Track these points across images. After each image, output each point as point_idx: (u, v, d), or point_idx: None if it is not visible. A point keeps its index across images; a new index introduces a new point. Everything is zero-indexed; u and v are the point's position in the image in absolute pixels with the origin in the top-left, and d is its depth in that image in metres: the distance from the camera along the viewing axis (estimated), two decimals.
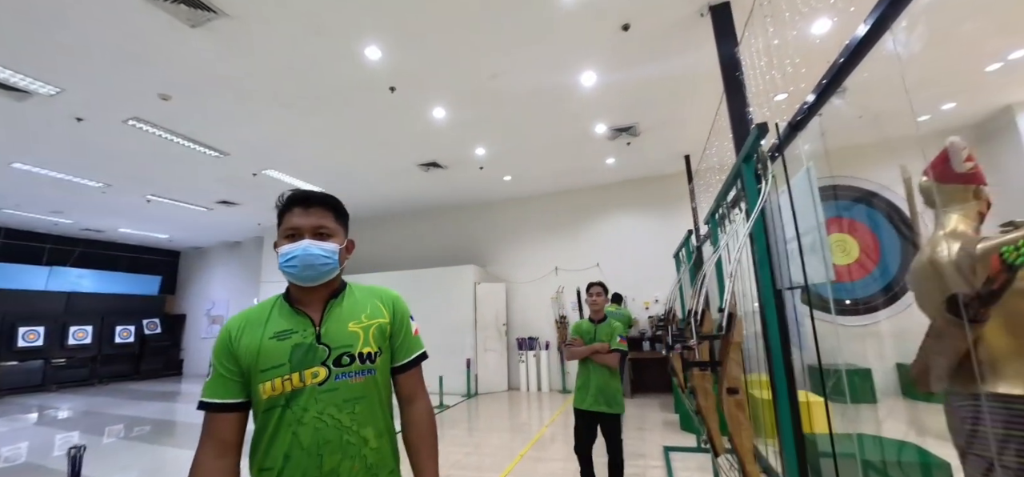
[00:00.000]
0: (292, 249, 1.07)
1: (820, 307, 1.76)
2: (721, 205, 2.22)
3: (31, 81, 4.27)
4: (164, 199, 8.15)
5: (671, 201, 7.74)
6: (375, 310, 1.15)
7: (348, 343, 1.07)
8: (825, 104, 1.67)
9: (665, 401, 6.64)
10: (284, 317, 1.09)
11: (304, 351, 1.04)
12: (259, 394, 1.01)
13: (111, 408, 7.75)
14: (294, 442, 0.99)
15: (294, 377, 1.01)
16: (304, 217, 1.10)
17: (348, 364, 1.05)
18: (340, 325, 1.09)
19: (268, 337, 1.04)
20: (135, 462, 4.67)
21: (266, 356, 1.02)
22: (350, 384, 1.05)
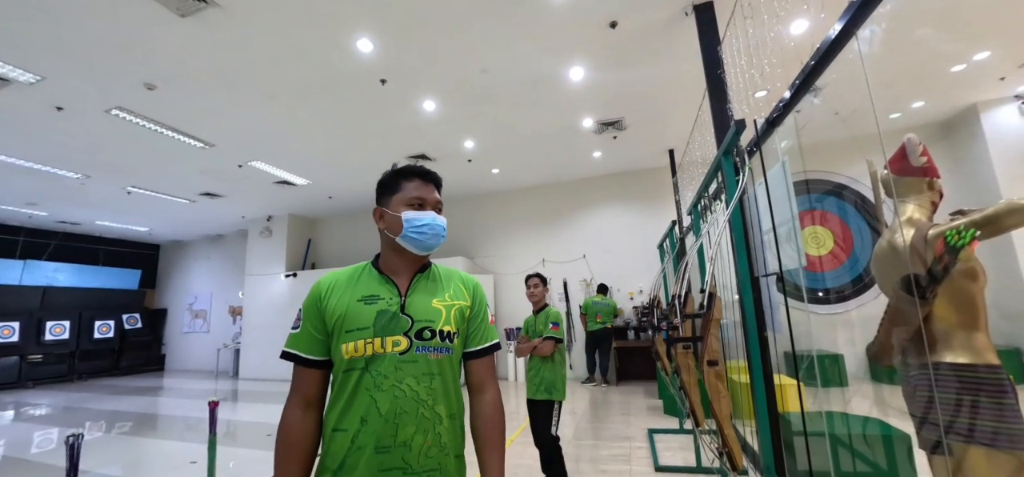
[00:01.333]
0: (422, 217, 1.12)
1: (794, 296, 1.90)
2: (703, 197, 2.35)
3: (10, 69, 4.17)
4: (145, 191, 8.00)
5: (656, 194, 7.93)
6: (458, 292, 1.18)
7: (430, 318, 1.09)
8: (800, 101, 1.81)
9: (650, 388, 6.85)
10: (373, 282, 1.12)
11: (388, 318, 1.06)
12: (340, 353, 1.04)
13: (91, 403, 7.63)
14: (372, 407, 1.01)
15: (376, 342, 1.03)
16: (427, 190, 1.15)
17: (429, 339, 1.07)
18: (425, 299, 1.12)
19: (356, 299, 1.08)
20: (118, 456, 4.65)
21: (352, 317, 1.05)
22: (429, 358, 1.06)
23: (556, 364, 2.93)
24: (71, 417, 6.58)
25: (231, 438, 5.02)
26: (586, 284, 8.14)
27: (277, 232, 10.17)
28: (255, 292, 10.04)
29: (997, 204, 1.28)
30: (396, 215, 1.12)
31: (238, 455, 4.39)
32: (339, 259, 10.29)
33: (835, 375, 5.32)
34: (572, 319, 8.14)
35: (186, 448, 4.80)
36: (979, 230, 1.26)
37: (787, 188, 1.99)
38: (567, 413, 5.63)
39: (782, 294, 1.74)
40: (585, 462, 3.84)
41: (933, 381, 1.41)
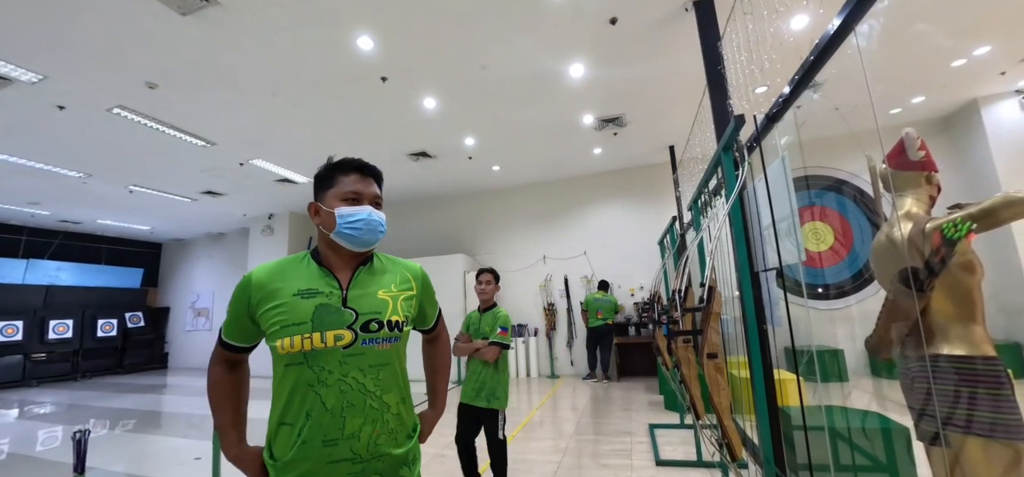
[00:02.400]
0: (356, 212, 1.10)
1: (794, 291, 1.92)
2: (703, 192, 2.37)
3: (12, 68, 4.19)
4: (147, 189, 8.02)
5: (656, 191, 7.94)
6: (404, 281, 1.18)
7: (377, 310, 1.08)
8: (799, 97, 1.82)
9: (650, 383, 6.87)
10: (312, 275, 1.09)
11: (329, 313, 1.04)
12: (275, 348, 1.02)
13: (95, 401, 7.67)
14: (316, 401, 1.00)
15: (315, 337, 1.01)
16: (364, 184, 1.15)
17: (376, 330, 1.06)
18: (369, 292, 1.11)
19: (292, 293, 1.05)
20: (123, 453, 4.68)
21: (287, 312, 1.03)
22: (376, 350, 1.06)
23: (499, 371, 2.73)
24: (76, 415, 6.62)
25: None
26: (587, 280, 8.16)
27: (279, 230, 10.20)
28: None
29: (994, 197, 1.30)
30: (330, 211, 1.10)
31: None
32: None
33: (835, 370, 5.35)
34: (573, 315, 8.16)
35: (190, 445, 4.84)
36: (976, 223, 1.27)
37: (787, 183, 2.00)
38: (569, 409, 5.65)
39: (782, 289, 1.75)
40: (586, 457, 3.86)
41: (931, 373, 1.43)
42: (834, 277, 5.66)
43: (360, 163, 1.16)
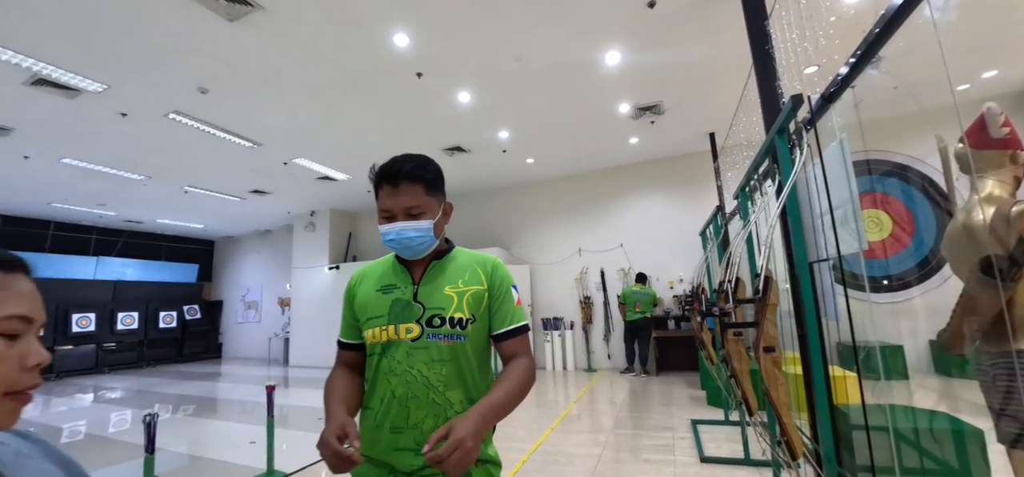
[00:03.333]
0: (388, 230, 1.11)
1: (851, 283, 1.80)
2: (751, 179, 2.26)
3: (81, 79, 4.52)
4: (200, 190, 8.51)
5: (695, 180, 7.68)
6: (473, 276, 1.15)
7: (441, 305, 1.10)
8: (859, 75, 1.70)
9: (691, 378, 6.69)
10: (392, 273, 1.17)
11: (402, 306, 1.11)
12: (366, 339, 1.14)
13: (159, 388, 8.25)
14: (388, 390, 1.07)
15: (391, 329, 1.09)
16: (394, 198, 1.10)
17: (438, 326, 1.08)
18: (436, 287, 1.13)
19: (376, 289, 1.15)
20: (185, 435, 5.01)
21: (372, 306, 1.13)
22: (439, 345, 1.08)
23: None
24: (143, 399, 7.14)
25: (283, 421, 5.30)
26: (624, 273, 8.02)
27: (320, 226, 10.57)
28: (301, 284, 10.51)
29: None
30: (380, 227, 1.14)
31: (290, 437, 4.63)
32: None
33: (895, 367, 5.02)
34: (610, 308, 8.05)
35: (245, 429, 5.12)
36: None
37: (845, 168, 1.88)
38: (606, 403, 5.59)
39: (841, 283, 1.65)
40: (625, 451, 3.81)
41: (1016, 370, 1.31)
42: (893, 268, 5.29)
43: (390, 171, 1.12)
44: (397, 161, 1.13)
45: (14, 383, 0.50)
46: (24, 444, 0.55)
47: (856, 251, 1.78)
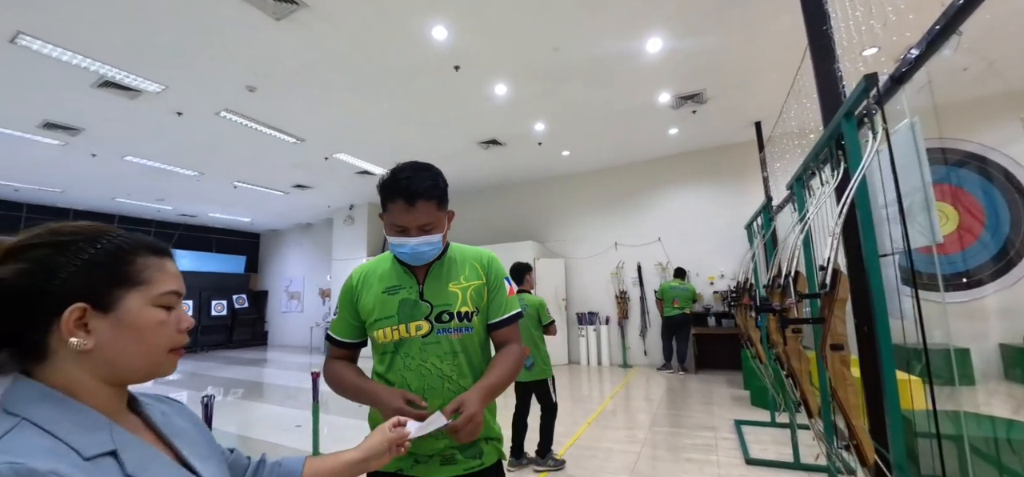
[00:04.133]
0: (402, 244, 1.15)
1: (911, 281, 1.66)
2: (809, 167, 2.12)
3: (141, 80, 4.79)
4: (248, 185, 8.91)
5: (739, 172, 7.37)
6: (473, 272, 1.24)
7: (448, 302, 1.17)
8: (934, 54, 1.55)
9: (732, 377, 6.46)
10: (394, 273, 1.21)
11: (410, 306, 1.16)
12: (375, 338, 1.19)
13: (212, 371, 8.75)
14: (404, 384, 1.13)
15: (401, 328, 1.15)
16: (409, 215, 1.11)
17: (448, 321, 1.16)
18: (441, 285, 1.19)
19: (381, 291, 1.19)
20: (236, 417, 5.28)
21: (380, 308, 1.17)
22: (450, 339, 1.16)
23: None
24: (198, 382, 7.59)
25: (325, 407, 5.49)
26: (662, 268, 7.82)
27: (359, 219, 10.87)
28: (341, 276, 10.85)
29: None
30: (387, 234, 1.18)
31: (331, 422, 4.80)
32: None
33: (962, 372, 4.66)
34: (647, 303, 7.88)
35: (291, 413, 5.35)
36: None
37: (917, 154, 1.73)
38: (643, 399, 5.48)
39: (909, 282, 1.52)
40: (663, 449, 3.72)
41: None
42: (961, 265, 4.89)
43: (406, 188, 1.11)
44: (411, 178, 1.12)
45: (174, 342, 0.65)
46: (165, 405, 0.72)
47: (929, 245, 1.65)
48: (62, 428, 0.53)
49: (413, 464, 1.13)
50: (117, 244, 0.62)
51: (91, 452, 0.53)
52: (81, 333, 0.57)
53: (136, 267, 0.62)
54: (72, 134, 6.11)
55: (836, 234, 1.20)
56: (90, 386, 0.58)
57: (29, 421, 0.52)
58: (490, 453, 1.18)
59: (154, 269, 0.64)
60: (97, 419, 0.57)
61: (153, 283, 0.63)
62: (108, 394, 0.60)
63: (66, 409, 0.55)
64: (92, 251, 0.60)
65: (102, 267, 0.60)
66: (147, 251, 0.64)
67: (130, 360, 0.61)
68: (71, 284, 0.57)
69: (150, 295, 0.62)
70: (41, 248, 0.58)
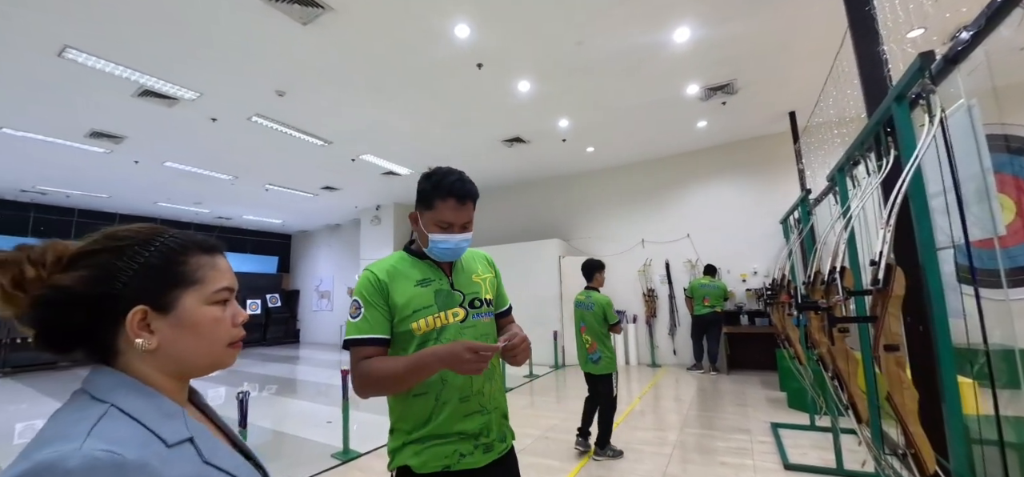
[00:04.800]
0: (447, 240, 1.24)
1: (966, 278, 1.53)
2: (853, 156, 2.00)
3: (177, 88, 4.98)
4: (279, 187, 9.17)
5: (771, 164, 7.10)
6: (485, 267, 1.41)
7: (476, 291, 1.32)
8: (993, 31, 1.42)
9: (766, 378, 6.23)
10: (419, 268, 1.28)
11: (445, 296, 1.26)
12: (412, 330, 1.20)
13: (247, 368, 9.04)
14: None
15: (441, 316, 1.23)
16: (458, 213, 1.23)
17: (479, 307, 1.30)
18: (466, 277, 1.33)
19: (415, 285, 1.24)
20: (270, 412, 5.43)
21: (417, 299, 1.22)
22: (482, 322, 1.30)
23: None
24: (234, 378, 7.86)
25: (355, 403, 5.59)
26: (691, 265, 7.61)
27: (385, 220, 11.04)
28: None
29: None
30: (425, 232, 1.25)
31: (360, 419, 4.86)
32: None
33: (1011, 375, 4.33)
34: (676, 302, 7.69)
35: (322, 409, 5.47)
36: None
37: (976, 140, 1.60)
38: (672, 400, 5.35)
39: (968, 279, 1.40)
40: (694, 452, 3.60)
41: None
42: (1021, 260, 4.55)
43: (459, 189, 1.23)
44: (461, 180, 1.25)
45: (232, 336, 0.68)
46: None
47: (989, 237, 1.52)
48: (147, 417, 0.57)
49: (459, 458, 1.19)
50: (170, 245, 0.64)
51: (173, 440, 0.57)
52: (145, 334, 0.60)
53: (190, 267, 0.65)
54: (116, 142, 6.42)
55: (889, 226, 1.10)
56: (157, 380, 0.62)
57: (117, 408, 0.56)
58: (510, 439, 1.33)
59: (207, 267, 0.66)
60: (173, 408, 0.61)
61: (207, 281, 0.66)
62: (174, 386, 0.64)
63: (148, 397, 0.59)
64: (147, 254, 0.62)
65: (158, 269, 0.62)
66: (199, 250, 0.67)
67: (192, 356, 0.64)
68: (131, 288, 0.60)
69: (205, 293, 0.65)
70: (100, 254, 0.60)
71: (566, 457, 3.59)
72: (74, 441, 0.50)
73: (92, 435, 0.51)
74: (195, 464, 0.58)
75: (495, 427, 1.25)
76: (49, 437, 0.51)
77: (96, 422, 0.53)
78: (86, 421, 0.53)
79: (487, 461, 1.22)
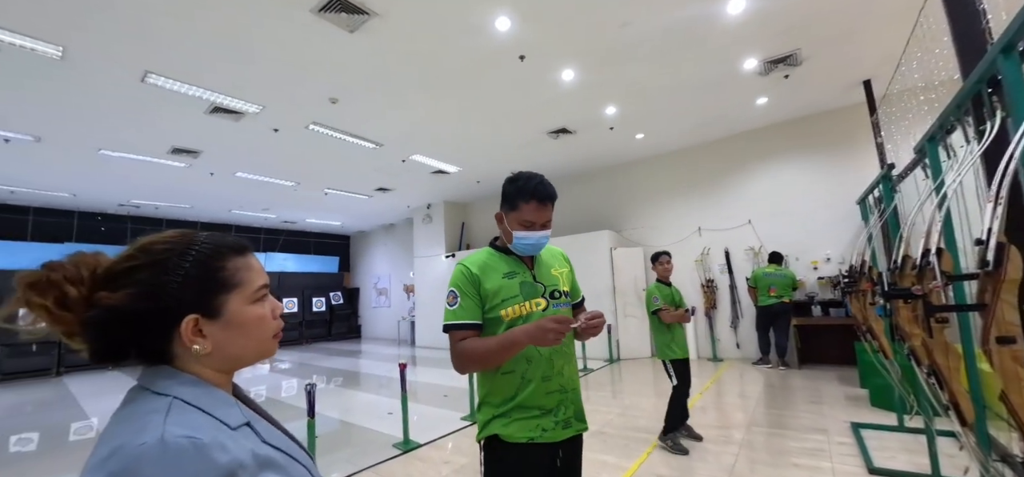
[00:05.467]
0: (528, 237, 1.39)
1: None
2: (948, 122, 1.75)
3: (243, 103, 5.34)
4: (337, 191, 9.64)
5: (843, 140, 6.49)
6: (561, 262, 1.55)
7: (555, 283, 1.47)
8: None
9: (844, 373, 5.74)
10: (505, 262, 1.44)
11: (529, 287, 1.40)
12: (500, 316, 1.35)
13: (314, 362, 9.63)
14: (534, 350, 1.33)
15: (526, 304, 1.37)
16: (540, 214, 1.37)
17: (558, 297, 1.45)
18: (546, 271, 1.48)
19: (502, 276, 1.40)
20: (336, 403, 5.73)
21: (505, 290, 1.37)
22: (560, 311, 1.44)
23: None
24: (303, 371, 8.40)
25: (413, 396, 5.78)
26: (754, 253, 7.14)
27: (436, 218, 11.30)
28: (423, 272, 11.37)
29: None
30: (509, 230, 1.40)
31: (419, 411, 5.02)
32: (489, 238, 10.94)
33: None
34: (737, 292, 7.26)
35: (384, 401, 5.70)
36: None
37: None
38: (736, 397, 5.06)
39: None
40: (763, 451, 3.37)
41: None
42: None
43: (540, 191, 1.37)
44: (542, 183, 1.39)
45: (275, 328, 0.72)
46: None
47: None
48: (208, 405, 0.60)
49: (542, 432, 1.32)
50: (206, 252, 0.67)
51: (235, 423, 0.61)
52: (199, 339, 0.63)
53: (228, 271, 0.67)
54: (193, 156, 7.02)
55: (1000, 200, 0.94)
56: (209, 375, 0.66)
57: (180, 399, 0.59)
58: (585, 421, 1.44)
59: (243, 269, 0.69)
60: (227, 397, 0.65)
61: (247, 283, 0.68)
62: (224, 380, 0.69)
63: (204, 389, 0.63)
64: (187, 265, 0.64)
65: (201, 279, 0.65)
66: (233, 253, 0.69)
67: (242, 352, 0.68)
68: (179, 300, 0.62)
69: (247, 294, 0.68)
70: (141, 270, 0.62)
71: (623, 453, 3.49)
72: (153, 431, 0.52)
73: (168, 423, 0.54)
74: (257, 444, 0.61)
75: (572, 406, 1.39)
76: (125, 431, 0.54)
77: (167, 413, 0.56)
78: (157, 413, 0.56)
79: (565, 436, 1.35)
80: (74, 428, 5.05)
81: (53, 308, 0.58)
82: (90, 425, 5.12)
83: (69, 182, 8.18)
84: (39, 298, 0.58)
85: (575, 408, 1.40)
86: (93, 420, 5.33)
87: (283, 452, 0.65)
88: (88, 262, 0.62)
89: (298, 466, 0.66)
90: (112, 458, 0.50)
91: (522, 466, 1.31)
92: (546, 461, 1.33)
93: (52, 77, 4.51)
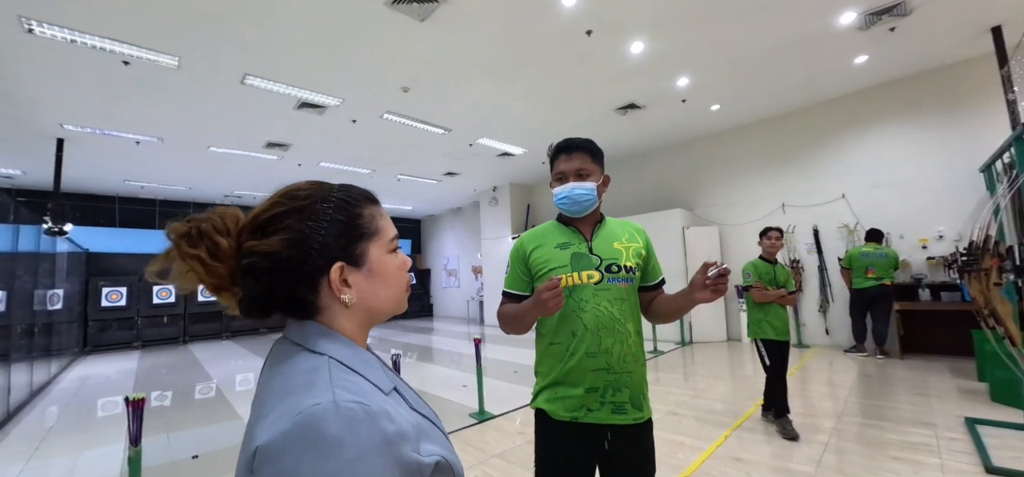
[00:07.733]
0: (561, 191, 1.40)
1: None
2: None
3: (325, 97, 5.76)
4: (409, 177, 10.11)
5: (961, 99, 5.66)
6: (632, 237, 1.45)
7: (615, 256, 1.37)
8: None
9: (958, 364, 5.11)
10: (562, 233, 1.43)
11: (582, 258, 1.36)
12: None
13: (396, 337, 10.31)
14: (580, 323, 1.31)
15: (575, 275, 1.34)
16: (567, 163, 1.39)
17: (616, 272, 1.35)
18: (607, 243, 1.40)
19: (554, 246, 1.40)
20: (414, 375, 6.12)
21: (554, 260, 1.37)
22: (618, 287, 1.34)
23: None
24: (386, 344, 9.05)
25: (484, 371, 6.01)
26: (848, 230, 6.50)
27: (502, 200, 11.48)
28: (490, 253, 11.66)
29: None
30: (552, 188, 1.43)
31: (492, 385, 5.22)
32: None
33: None
34: (827, 274, 6.67)
35: (458, 375, 6.00)
36: None
37: None
38: (825, 385, 4.71)
39: None
40: (857, 443, 3.12)
41: None
42: None
43: (565, 143, 1.42)
44: (568, 137, 1.44)
45: (408, 282, 0.72)
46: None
47: None
48: (361, 366, 0.58)
49: (586, 412, 1.28)
50: (345, 198, 0.65)
51: (387, 388, 0.58)
52: (347, 289, 0.62)
53: (366, 219, 0.66)
54: (284, 150, 7.70)
55: None
56: (352, 331, 0.64)
57: (335, 359, 0.57)
58: (647, 409, 1.34)
59: (379, 217, 0.68)
60: (374, 359, 0.63)
61: (383, 231, 0.67)
62: (363, 336, 0.66)
63: (353, 350, 0.60)
64: (331, 210, 0.63)
65: (344, 225, 0.63)
66: (367, 201, 0.68)
67: (382, 304, 0.66)
68: (325, 244, 0.61)
69: (384, 243, 0.67)
70: (289, 215, 0.61)
71: (696, 435, 3.41)
72: (324, 393, 0.50)
73: (335, 386, 0.51)
74: (407, 411, 0.58)
75: (627, 390, 1.29)
76: (294, 389, 0.52)
77: (329, 374, 0.53)
78: (320, 372, 0.53)
79: (617, 421, 1.28)
80: (198, 388, 5.88)
81: (206, 259, 0.58)
82: (210, 386, 5.92)
83: (185, 177, 9.36)
84: (192, 249, 0.58)
85: (630, 393, 1.29)
86: (213, 381, 6.16)
87: (427, 419, 0.62)
88: (230, 215, 0.62)
89: (438, 431, 0.63)
90: (286, 421, 0.48)
91: (566, 445, 1.29)
92: (592, 442, 1.28)
93: (170, 84, 5.16)
